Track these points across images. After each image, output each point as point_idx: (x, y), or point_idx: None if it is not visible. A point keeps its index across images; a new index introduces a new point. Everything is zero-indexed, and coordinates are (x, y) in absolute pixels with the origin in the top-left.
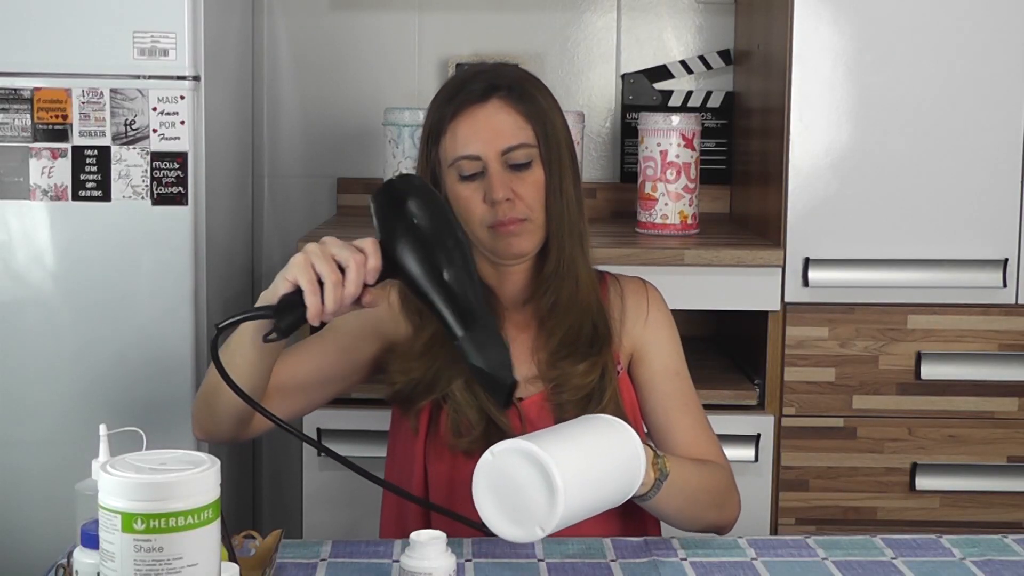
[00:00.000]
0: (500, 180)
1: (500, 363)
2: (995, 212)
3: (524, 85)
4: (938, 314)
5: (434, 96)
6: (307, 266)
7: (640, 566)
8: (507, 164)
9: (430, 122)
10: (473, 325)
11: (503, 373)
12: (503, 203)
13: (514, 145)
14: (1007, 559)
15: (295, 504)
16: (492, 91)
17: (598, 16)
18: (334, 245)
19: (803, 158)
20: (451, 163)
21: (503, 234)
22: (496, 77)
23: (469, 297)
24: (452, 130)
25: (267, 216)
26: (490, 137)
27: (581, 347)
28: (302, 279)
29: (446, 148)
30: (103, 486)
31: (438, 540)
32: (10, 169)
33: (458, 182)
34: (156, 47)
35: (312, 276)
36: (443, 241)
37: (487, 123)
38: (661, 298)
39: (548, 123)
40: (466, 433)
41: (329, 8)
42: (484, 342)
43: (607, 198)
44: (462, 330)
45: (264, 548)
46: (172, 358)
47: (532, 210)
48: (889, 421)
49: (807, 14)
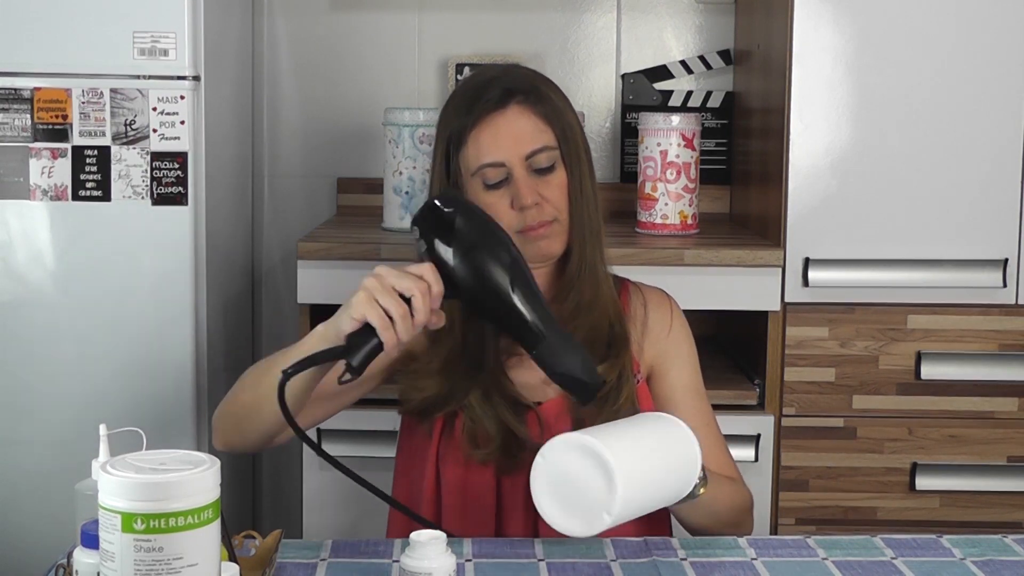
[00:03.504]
0: (527, 185)
1: (585, 364)
2: (995, 212)
3: (539, 87)
4: (938, 314)
5: (446, 104)
6: (372, 302)
7: (640, 566)
8: (531, 169)
9: (447, 131)
10: (549, 333)
11: (591, 374)
12: (532, 208)
13: (537, 149)
14: (1007, 559)
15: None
16: (510, 97)
17: (598, 16)
18: (392, 276)
19: (803, 158)
20: (475, 172)
21: (533, 238)
22: (511, 82)
23: (539, 307)
24: (473, 139)
25: (267, 216)
26: (512, 143)
27: (599, 348)
28: (371, 316)
29: (468, 157)
30: (103, 486)
31: (438, 540)
32: (10, 169)
33: (483, 190)
34: (156, 47)
35: (380, 312)
36: (500, 256)
37: (508, 130)
38: (681, 311)
39: (566, 124)
40: (483, 444)
41: (329, 8)
42: (562, 348)
43: (607, 198)
44: (540, 340)
45: (264, 548)
46: (172, 358)
47: (559, 211)
48: (889, 421)
49: (807, 14)
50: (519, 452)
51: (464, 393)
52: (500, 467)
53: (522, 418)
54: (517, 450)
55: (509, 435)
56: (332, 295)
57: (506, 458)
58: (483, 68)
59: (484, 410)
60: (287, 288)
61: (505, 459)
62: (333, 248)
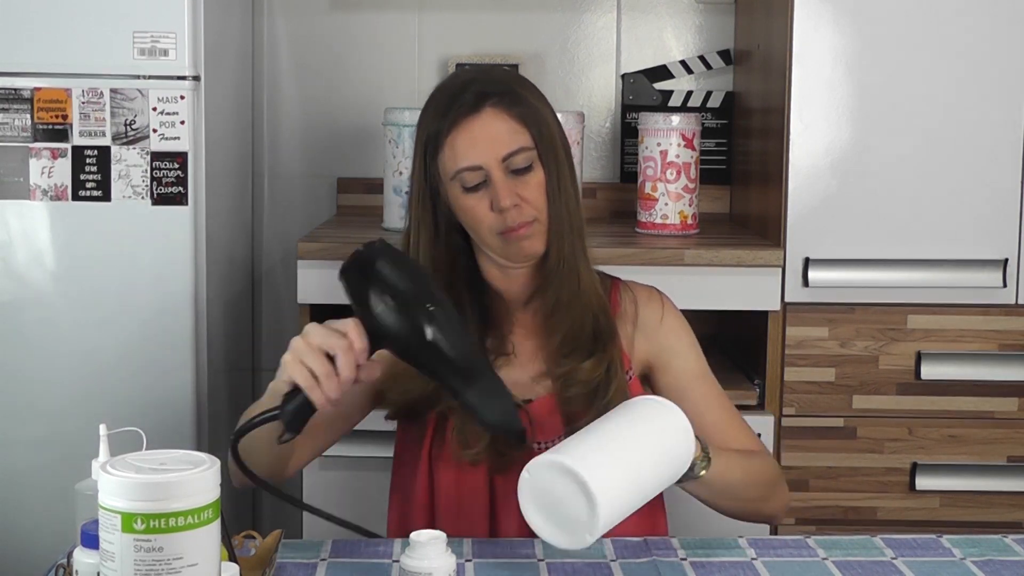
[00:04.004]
0: (505, 187)
1: (505, 413)
2: (995, 212)
3: (514, 88)
4: (938, 314)
5: (423, 109)
6: (297, 363)
7: (640, 566)
8: (508, 170)
9: (424, 136)
10: (471, 382)
11: (512, 422)
12: (511, 210)
13: (513, 150)
14: (1007, 559)
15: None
16: (484, 100)
17: (598, 16)
18: (317, 335)
19: (803, 158)
20: (453, 176)
21: (515, 239)
22: (485, 84)
23: (460, 354)
24: (450, 144)
25: (267, 216)
26: (488, 146)
27: (585, 343)
28: (298, 378)
29: (445, 162)
30: (103, 486)
31: (438, 540)
32: (10, 169)
33: (462, 194)
34: (156, 47)
35: (306, 373)
36: (422, 302)
37: (483, 133)
38: (673, 304)
39: (542, 123)
40: (473, 444)
41: (329, 8)
42: (486, 395)
43: (607, 198)
44: (462, 390)
45: (264, 548)
46: (172, 358)
47: (539, 210)
48: (889, 421)
49: (807, 14)
50: (509, 450)
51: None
52: (492, 466)
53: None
54: (507, 448)
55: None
56: (332, 295)
57: (497, 457)
58: (458, 72)
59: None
60: (287, 288)
61: (496, 458)
62: (333, 248)
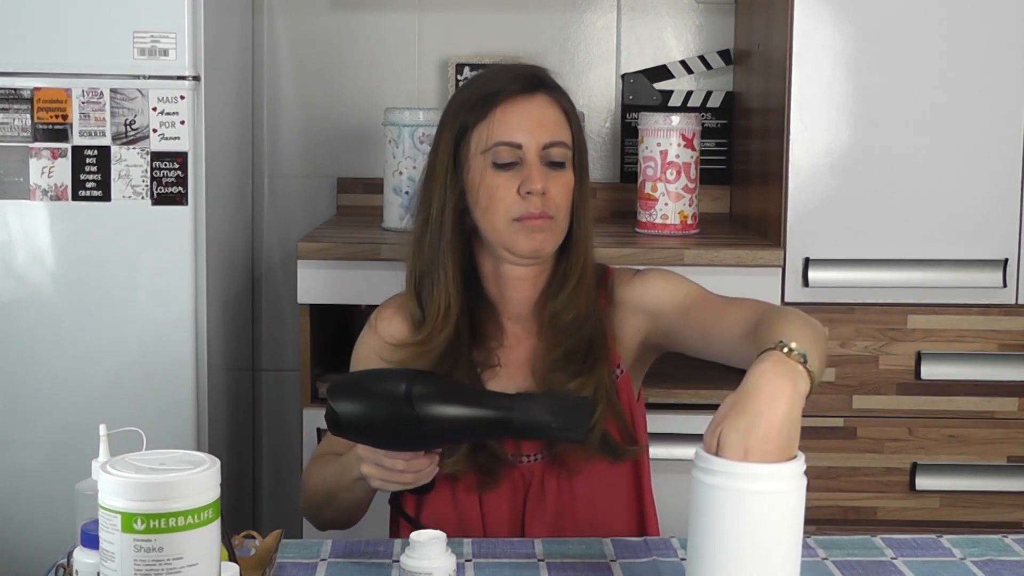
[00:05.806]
0: (539, 171)
1: (555, 409)
2: (995, 212)
3: (562, 87)
4: (938, 314)
5: (462, 87)
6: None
7: (640, 566)
8: (544, 160)
9: (464, 108)
10: (512, 410)
11: (573, 423)
12: (537, 196)
13: (556, 141)
14: (1007, 559)
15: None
16: (541, 85)
17: (598, 16)
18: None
19: (803, 158)
20: (487, 148)
21: (530, 228)
22: (540, 72)
23: (487, 401)
24: (499, 116)
25: (267, 216)
26: (535, 128)
27: (575, 363)
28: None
29: (483, 134)
30: (103, 486)
31: (438, 540)
32: (10, 169)
33: (490, 169)
34: (156, 47)
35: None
36: (404, 419)
37: (533, 114)
38: (654, 271)
39: (578, 128)
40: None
41: (329, 8)
42: (531, 409)
43: (607, 198)
44: (502, 432)
45: (264, 548)
46: (172, 358)
47: (559, 210)
48: (889, 421)
49: (807, 14)
50: (493, 466)
51: None
52: (480, 484)
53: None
54: (491, 464)
55: (477, 446)
56: (332, 295)
57: (484, 475)
58: (503, 64)
59: None
60: (287, 288)
61: (483, 476)
62: (333, 248)
